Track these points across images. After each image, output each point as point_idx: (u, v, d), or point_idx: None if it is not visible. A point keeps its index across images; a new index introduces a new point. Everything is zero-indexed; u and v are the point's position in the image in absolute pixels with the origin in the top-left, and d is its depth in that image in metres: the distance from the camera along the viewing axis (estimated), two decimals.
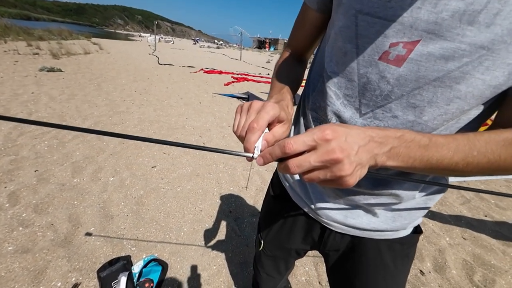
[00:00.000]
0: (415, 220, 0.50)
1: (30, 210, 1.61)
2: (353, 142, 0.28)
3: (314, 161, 0.27)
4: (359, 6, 0.38)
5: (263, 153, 0.30)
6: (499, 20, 0.29)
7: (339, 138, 0.27)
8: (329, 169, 0.27)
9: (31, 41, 8.90)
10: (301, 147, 0.27)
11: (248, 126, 0.32)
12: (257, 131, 0.31)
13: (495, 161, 0.32)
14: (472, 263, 1.62)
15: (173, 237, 1.58)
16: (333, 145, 0.27)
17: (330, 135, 0.27)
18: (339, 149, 0.26)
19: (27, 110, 3.13)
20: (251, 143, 0.31)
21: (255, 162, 0.32)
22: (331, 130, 0.27)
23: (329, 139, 0.27)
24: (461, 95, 0.34)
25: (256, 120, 0.32)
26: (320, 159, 0.27)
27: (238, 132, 0.34)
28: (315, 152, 0.27)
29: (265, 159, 0.30)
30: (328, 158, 0.26)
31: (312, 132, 0.28)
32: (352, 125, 0.30)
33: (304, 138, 0.27)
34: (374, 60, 0.38)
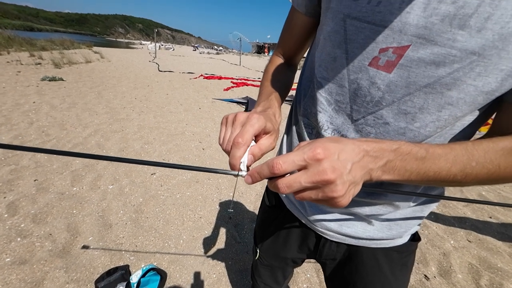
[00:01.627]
0: (411, 228, 0.49)
1: (28, 220, 1.60)
2: (346, 159, 0.26)
3: (304, 182, 0.26)
4: (347, 10, 0.37)
5: (251, 172, 0.29)
6: (490, 24, 0.28)
7: (330, 157, 0.26)
8: (321, 189, 0.26)
9: (33, 52, 9.04)
10: (290, 167, 0.26)
11: (233, 141, 0.31)
12: (242, 146, 0.30)
13: (495, 171, 0.32)
14: (478, 266, 1.58)
15: (172, 245, 1.56)
16: (325, 165, 0.25)
17: (321, 154, 0.25)
18: (331, 170, 0.25)
19: (28, 119, 3.16)
20: (237, 159, 0.30)
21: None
22: (322, 149, 0.26)
23: (320, 159, 0.25)
24: (453, 101, 0.33)
25: (241, 134, 0.31)
26: (310, 180, 0.25)
27: (223, 146, 0.33)
28: (306, 172, 0.26)
29: (253, 178, 0.29)
30: (319, 179, 0.25)
31: (303, 150, 0.26)
32: (346, 139, 0.29)
33: (294, 157, 0.26)
34: (364, 66, 0.37)
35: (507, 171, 0.32)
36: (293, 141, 0.54)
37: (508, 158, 0.31)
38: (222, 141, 0.34)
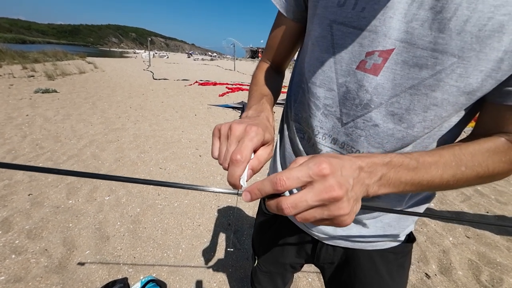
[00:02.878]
0: (405, 228, 0.50)
1: (23, 236, 1.57)
2: (348, 175, 0.26)
3: (311, 200, 0.24)
4: (333, 16, 0.38)
5: (251, 189, 0.26)
6: (469, 27, 0.29)
7: (336, 173, 0.24)
8: (327, 207, 0.24)
9: (26, 64, 8.99)
10: (295, 184, 0.24)
11: (231, 159, 0.28)
12: (242, 164, 0.28)
13: (484, 173, 0.33)
14: (477, 262, 1.59)
15: (171, 255, 1.54)
16: (331, 181, 0.24)
17: (327, 170, 0.24)
18: (338, 186, 0.24)
19: (21, 133, 3.12)
20: (236, 178, 0.28)
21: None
22: (327, 164, 0.24)
23: (326, 174, 0.24)
24: (437, 102, 0.34)
25: (239, 150, 0.28)
26: (318, 198, 0.24)
27: (220, 161, 0.31)
28: (312, 189, 0.24)
29: (253, 196, 0.26)
30: (327, 196, 0.24)
31: (307, 166, 0.25)
32: (340, 155, 0.28)
33: (298, 173, 0.24)
34: (352, 69, 0.38)
35: (496, 170, 0.33)
36: (286, 146, 0.55)
37: (495, 159, 0.32)
38: (218, 157, 0.31)
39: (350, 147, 0.42)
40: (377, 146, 0.40)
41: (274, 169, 0.60)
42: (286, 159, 0.55)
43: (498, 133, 0.35)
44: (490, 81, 0.31)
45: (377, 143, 0.40)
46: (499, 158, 0.33)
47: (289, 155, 0.54)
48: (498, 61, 0.30)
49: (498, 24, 0.28)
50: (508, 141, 0.34)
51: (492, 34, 0.28)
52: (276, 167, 0.58)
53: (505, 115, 0.34)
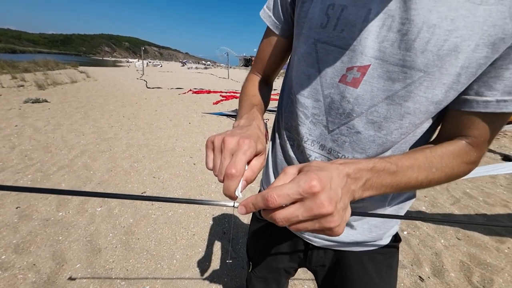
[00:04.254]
0: (390, 229, 0.52)
1: (10, 251, 1.51)
2: (337, 186, 0.27)
3: (302, 216, 0.25)
4: (317, 35, 0.42)
5: (246, 203, 0.28)
6: (430, 47, 0.33)
7: (326, 188, 0.25)
8: (318, 220, 0.26)
9: (16, 74, 8.85)
10: (285, 201, 0.25)
11: (226, 173, 0.29)
12: (237, 178, 0.29)
13: (451, 173, 0.38)
14: (469, 263, 1.62)
15: (165, 266, 1.51)
16: (322, 198, 0.25)
17: (317, 187, 0.25)
18: (328, 202, 0.25)
19: (9, 144, 3.05)
20: (232, 191, 0.29)
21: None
22: (317, 181, 0.25)
23: (316, 192, 0.25)
24: (410, 111, 0.38)
25: (233, 165, 0.29)
26: (309, 214, 0.25)
27: (215, 173, 0.32)
28: (302, 205, 0.25)
29: (247, 209, 0.28)
30: (317, 212, 0.25)
31: (298, 183, 0.25)
32: (328, 164, 0.29)
33: (289, 191, 0.25)
34: (335, 82, 0.42)
35: (459, 170, 0.38)
36: (277, 153, 0.57)
37: (458, 160, 0.37)
38: (213, 169, 0.33)
39: (336, 152, 0.45)
40: (360, 151, 0.43)
41: (266, 175, 0.62)
42: (277, 165, 0.57)
43: (459, 136, 0.39)
44: (452, 92, 0.35)
45: (360, 149, 0.43)
46: (461, 160, 0.38)
47: (281, 161, 0.56)
48: (457, 75, 0.34)
49: (453, 45, 0.32)
50: (468, 144, 0.38)
51: (449, 53, 0.33)
52: (268, 173, 0.61)
53: (463, 120, 0.38)
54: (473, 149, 0.38)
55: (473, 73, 0.33)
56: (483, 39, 0.31)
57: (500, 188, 2.68)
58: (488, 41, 0.31)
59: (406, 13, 0.33)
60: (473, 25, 0.31)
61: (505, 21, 0.30)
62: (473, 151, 0.38)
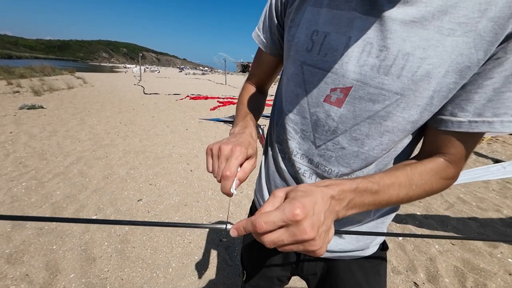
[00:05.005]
0: (376, 238, 0.54)
1: (2, 261, 1.49)
2: (320, 210, 0.29)
3: (287, 240, 0.28)
4: (303, 58, 0.45)
5: (237, 226, 0.31)
6: (405, 72, 0.36)
7: (308, 215, 0.28)
8: (301, 244, 0.29)
9: (11, 80, 8.81)
10: (271, 228, 0.28)
11: (222, 175, 0.36)
12: (231, 178, 0.36)
13: (429, 189, 0.41)
14: (463, 269, 1.64)
15: (161, 275, 1.50)
16: (304, 225, 0.27)
17: (300, 216, 0.27)
18: (310, 228, 0.27)
19: (4, 151, 3.02)
20: (227, 189, 0.36)
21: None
22: (300, 210, 0.27)
23: (299, 220, 0.27)
24: (389, 129, 0.41)
25: (228, 168, 0.36)
26: (292, 239, 0.28)
27: (214, 175, 0.39)
28: (287, 231, 0.28)
29: (239, 232, 0.31)
30: (300, 238, 0.28)
31: (283, 211, 0.28)
32: (314, 188, 0.31)
33: (274, 218, 0.28)
34: (320, 102, 0.45)
35: (438, 186, 0.41)
36: (269, 165, 0.60)
37: (436, 177, 0.40)
38: (212, 172, 0.39)
39: (324, 166, 0.48)
40: (345, 165, 0.46)
41: (259, 185, 0.64)
42: (270, 176, 0.59)
43: (438, 153, 0.42)
44: (426, 113, 0.39)
45: (345, 163, 0.46)
46: (439, 176, 0.41)
47: (273, 173, 0.58)
48: (430, 98, 0.37)
49: (425, 71, 0.35)
50: (446, 161, 0.41)
51: (422, 78, 0.36)
52: (261, 184, 0.63)
53: (440, 138, 0.41)
54: (451, 165, 0.41)
55: (445, 96, 0.37)
56: (452, 66, 0.34)
57: (493, 193, 2.73)
58: (456, 68, 0.34)
59: (383, 41, 0.36)
60: (443, 54, 0.34)
61: (471, 50, 0.33)
62: (450, 168, 0.41)
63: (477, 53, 0.33)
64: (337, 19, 0.40)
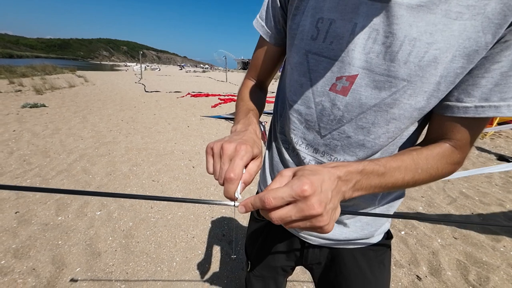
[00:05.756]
0: (381, 226, 0.54)
1: (9, 256, 1.51)
2: (327, 189, 0.29)
3: (295, 216, 0.28)
4: (308, 47, 0.45)
5: (245, 203, 0.30)
6: (412, 58, 0.36)
7: (316, 192, 0.28)
8: (309, 220, 0.28)
9: (13, 79, 8.84)
10: (280, 203, 0.28)
11: (225, 177, 0.32)
12: (236, 181, 0.32)
13: (435, 174, 0.41)
14: (465, 262, 1.64)
15: (165, 269, 1.52)
16: (312, 200, 0.27)
17: (308, 191, 0.27)
18: (318, 204, 0.27)
19: (7, 149, 3.05)
20: (232, 194, 0.32)
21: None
22: (309, 186, 0.27)
23: (307, 196, 0.27)
24: (396, 117, 0.40)
25: (232, 169, 0.32)
26: (300, 215, 0.28)
27: (215, 177, 0.35)
28: (295, 207, 0.28)
29: (247, 208, 0.31)
30: (308, 214, 0.27)
31: (291, 187, 0.28)
32: (321, 168, 0.31)
33: (283, 194, 0.28)
34: (326, 91, 0.44)
35: (443, 171, 0.41)
36: (273, 156, 0.60)
37: (442, 161, 0.40)
38: (214, 174, 0.35)
39: (329, 155, 0.48)
40: (351, 154, 0.46)
41: (263, 177, 0.64)
42: (274, 167, 0.59)
43: (444, 139, 0.41)
44: (433, 99, 0.38)
45: (351, 152, 0.46)
46: (446, 161, 0.40)
47: (277, 163, 0.58)
48: (437, 83, 0.37)
49: (432, 56, 0.35)
50: (452, 146, 0.41)
51: (429, 64, 0.35)
52: (265, 175, 0.63)
53: (446, 124, 0.41)
54: (457, 151, 0.41)
55: (452, 81, 0.36)
56: (459, 50, 0.34)
57: (496, 188, 2.72)
58: (464, 53, 0.34)
59: (389, 27, 0.36)
60: (450, 38, 0.34)
61: (478, 34, 0.33)
62: (456, 153, 0.41)
63: (485, 37, 0.32)
64: (342, 5, 0.40)
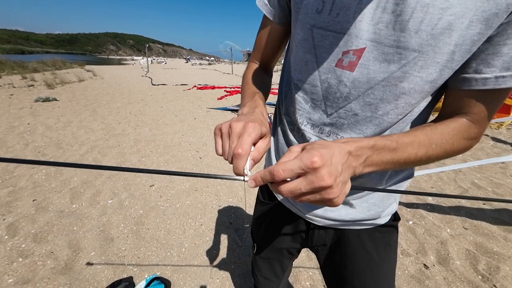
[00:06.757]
0: (388, 207, 0.54)
1: (29, 240, 1.60)
2: (337, 162, 0.29)
3: (305, 189, 0.28)
4: (312, 21, 0.43)
5: (255, 177, 0.30)
6: (424, 26, 0.34)
7: (326, 164, 0.27)
8: (319, 193, 0.28)
9: (25, 74, 9.08)
10: (289, 175, 0.28)
11: (234, 153, 0.32)
12: (244, 156, 0.32)
13: (450, 149, 0.39)
14: (475, 252, 1.62)
15: (175, 254, 1.57)
16: (322, 172, 0.27)
17: (318, 163, 0.27)
18: (328, 176, 0.27)
19: (23, 141, 3.17)
20: (240, 169, 0.32)
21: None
22: (319, 157, 0.27)
23: (317, 168, 0.27)
24: (405, 91, 0.39)
25: (240, 145, 0.32)
26: (310, 187, 0.27)
27: (224, 157, 0.35)
28: (305, 179, 0.28)
29: (257, 182, 0.30)
30: (318, 185, 0.27)
31: (300, 159, 0.28)
32: (330, 143, 0.31)
33: (292, 166, 0.28)
34: (332, 67, 0.43)
35: (459, 147, 0.39)
36: (279, 138, 0.59)
37: (458, 136, 0.38)
38: (222, 153, 0.35)
39: (335, 135, 0.47)
40: (358, 132, 0.45)
41: (269, 159, 0.64)
42: (279, 150, 0.59)
43: (460, 114, 0.39)
44: (447, 70, 0.36)
45: (358, 130, 0.45)
46: (462, 136, 0.39)
47: (282, 146, 0.58)
48: (451, 53, 0.34)
49: (447, 23, 0.33)
50: (469, 121, 0.39)
51: (443, 31, 0.33)
52: (270, 158, 0.63)
53: (463, 98, 0.39)
54: (474, 125, 0.39)
55: (467, 50, 0.34)
56: (477, 15, 0.32)
57: (511, 178, 2.63)
58: (482, 17, 0.31)
59: None
60: (467, 1, 0.31)
61: None
62: (473, 128, 0.39)
63: None
64: None
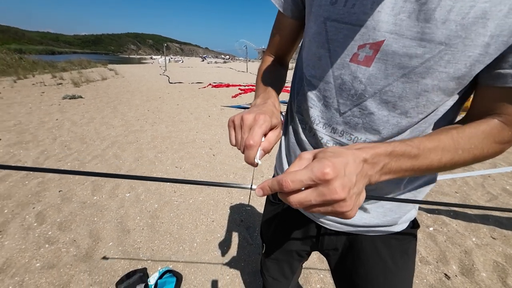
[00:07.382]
0: (406, 213, 0.50)
1: (55, 228, 1.72)
2: (351, 172, 0.27)
3: (315, 201, 0.26)
4: (326, 14, 0.41)
5: (263, 186, 0.29)
6: (453, 16, 0.30)
7: (339, 175, 0.25)
8: (331, 205, 0.26)
9: (55, 73, 9.76)
10: (298, 187, 0.26)
11: (245, 144, 0.33)
12: (255, 147, 0.33)
13: (480, 154, 0.35)
14: (504, 264, 1.49)
15: (187, 249, 1.61)
16: (335, 184, 0.25)
17: (330, 175, 0.25)
18: (341, 188, 0.25)
19: (52, 135, 3.40)
20: (251, 159, 0.34)
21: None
22: (331, 168, 0.25)
23: (329, 180, 0.25)
24: (428, 88, 0.35)
25: (251, 137, 0.33)
26: (321, 199, 0.26)
27: (237, 147, 0.37)
28: (316, 190, 0.26)
29: (264, 191, 0.29)
30: (330, 198, 0.25)
31: (311, 170, 0.26)
32: (344, 150, 0.29)
33: (302, 177, 0.26)
34: (346, 62, 0.40)
35: (490, 151, 0.35)
36: (290, 137, 0.57)
37: (489, 140, 0.34)
38: (235, 143, 0.37)
39: (349, 135, 0.44)
40: (374, 132, 0.42)
41: (279, 160, 0.63)
42: (290, 149, 0.57)
43: (492, 114, 0.35)
44: (478, 65, 0.32)
45: (374, 130, 0.41)
46: (493, 139, 0.35)
47: (293, 145, 0.56)
48: (485, 46, 0.31)
49: (480, 11, 0.29)
50: (501, 122, 0.35)
51: (476, 21, 0.30)
52: (281, 158, 0.61)
53: (496, 97, 0.34)
54: (507, 127, 0.35)
55: (505, 42, 0.30)
56: None
57: None
58: None
59: None
60: None
61: None
62: (506, 130, 0.35)
63: None
64: None
